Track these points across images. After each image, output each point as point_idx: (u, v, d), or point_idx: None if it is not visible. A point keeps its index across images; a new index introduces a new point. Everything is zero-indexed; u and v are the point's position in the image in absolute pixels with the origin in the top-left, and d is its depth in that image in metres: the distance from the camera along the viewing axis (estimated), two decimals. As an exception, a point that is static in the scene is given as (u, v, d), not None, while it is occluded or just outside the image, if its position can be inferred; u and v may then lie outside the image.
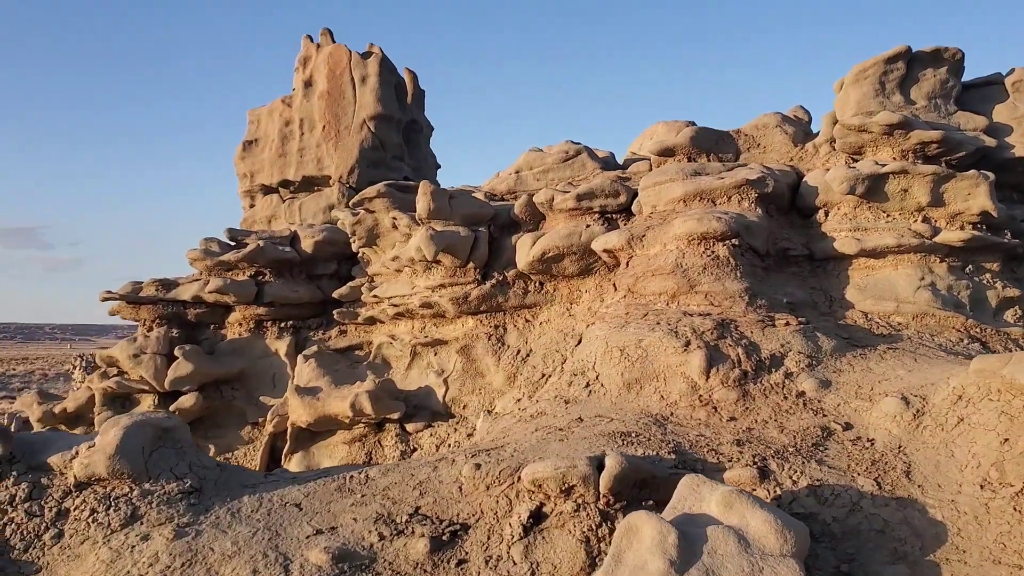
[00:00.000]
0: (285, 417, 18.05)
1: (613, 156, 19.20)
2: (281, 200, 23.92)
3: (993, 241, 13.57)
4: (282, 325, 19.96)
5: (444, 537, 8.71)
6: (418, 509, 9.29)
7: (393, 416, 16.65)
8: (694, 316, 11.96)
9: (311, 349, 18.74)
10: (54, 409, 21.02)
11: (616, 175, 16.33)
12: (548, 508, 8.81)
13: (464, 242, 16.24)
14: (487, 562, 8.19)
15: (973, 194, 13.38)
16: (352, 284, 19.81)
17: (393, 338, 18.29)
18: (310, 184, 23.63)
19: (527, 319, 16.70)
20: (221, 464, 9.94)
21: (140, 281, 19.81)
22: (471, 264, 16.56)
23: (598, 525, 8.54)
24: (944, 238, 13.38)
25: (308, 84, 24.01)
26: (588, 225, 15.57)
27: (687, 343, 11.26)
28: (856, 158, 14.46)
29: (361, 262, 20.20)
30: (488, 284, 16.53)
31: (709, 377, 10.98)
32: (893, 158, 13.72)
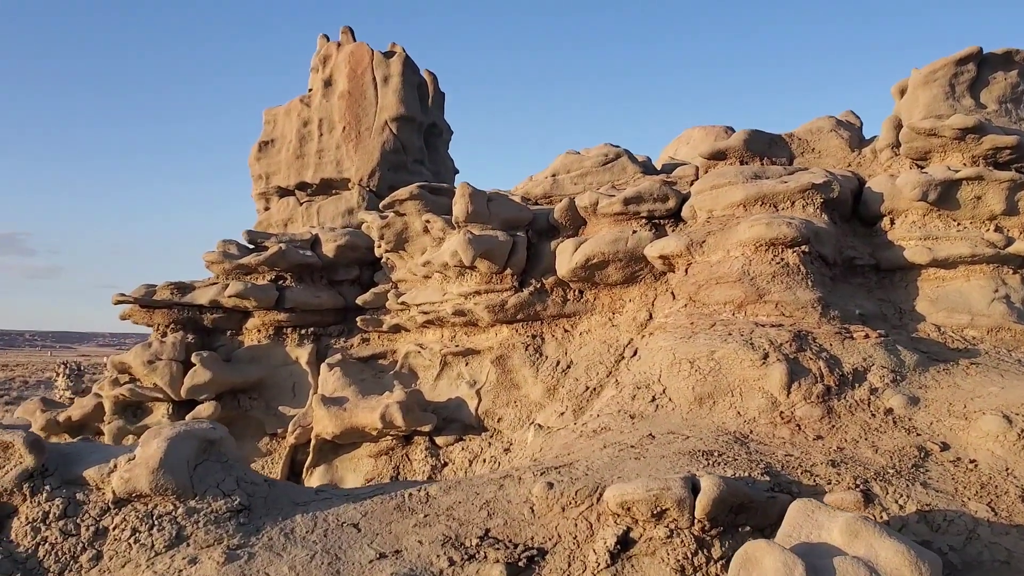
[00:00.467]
0: (308, 428, 17.19)
1: (650, 160, 18.48)
2: (298, 203, 23.08)
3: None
4: (303, 332, 19.11)
5: (520, 563, 7.92)
6: (488, 531, 8.49)
7: (424, 429, 15.83)
8: (767, 327, 11.21)
9: (335, 357, 17.89)
10: (58, 417, 20.11)
11: (662, 179, 15.60)
12: (636, 533, 8.02)
13: (502, 247, 15.47)
14: (575, 592, 7.41)
15: (1049, 203, 12.72)
16: (376, 290, 19.02)
17: (421, 347, 17.47)
18: (328, 187, 22.81)
19: (566, 329, 15.92)
20: (269, 479, 9.11)
21: (153, 284, 18.94)
22: (508, 270, 15.78)
23: (693, 553, 7.75)
24: (1018, 248, 12.69)
25: (328, 83, 23.21)
26: (635, 231, 14.83)
27: (765, 355, 10.50)
28: (920, 164, 13.76)
29: (385, 268, 19.40)
30: (526, 292, 15.76)
31: (790, 392, 10.21)
32: (964, 164, 13.03)
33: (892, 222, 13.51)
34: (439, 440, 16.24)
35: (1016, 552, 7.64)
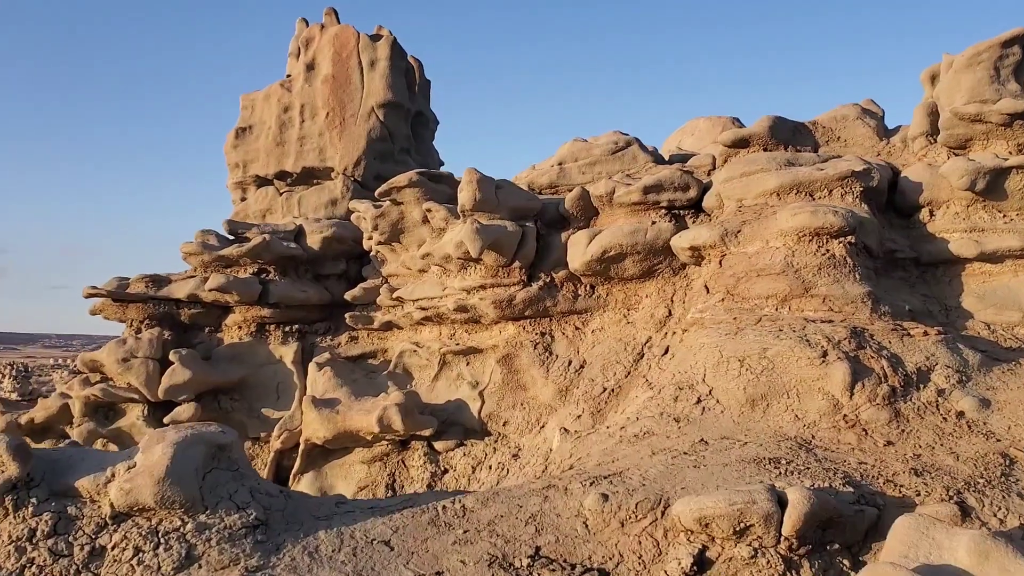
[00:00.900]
0: (295, 432, 16.01)
1: (657, 151, 17.57)
2: (278, 193, 21.78)
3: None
4: (287, 329, 17.89)
5: (582, 587, 6.94)
6: (539, 550, 7.47)
7: (424, 433, 14.74)
8: (818, 322, 10.33)
9: (324, 356, 16.70)
10: (19, 420, 18.64)
11: (679, 167, 14.68)
12: (713, 553, 7.06)
13: (511, 238, 14.43)
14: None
15: (1100, 195, 12.02)
16: (366, 285, 17.86)
17: (418, 345, 16.35)
18: (310, 176, 21.56)
19: (576, 326, 14.94)
20: (284, 490, 7.99)
21: (126, 277, 17.60)
22: (516, 263, 14.74)
23: (781, 575, 6.82)
24: (1068, 242, 11.98)
25: (310, 67, 21.95)
26: (654, 221, 13.91)
27: (824, 353, 9.60)
28: (958, 153, 13.01)
29: (374, 261, 18.25)
30: (535, 286, 14.74)
31: (853, 394, 9.32)
32: (1010, 152, 12.30)
33: (931, 213, 12.74)
34: (438, 445, 15.16)
35: None
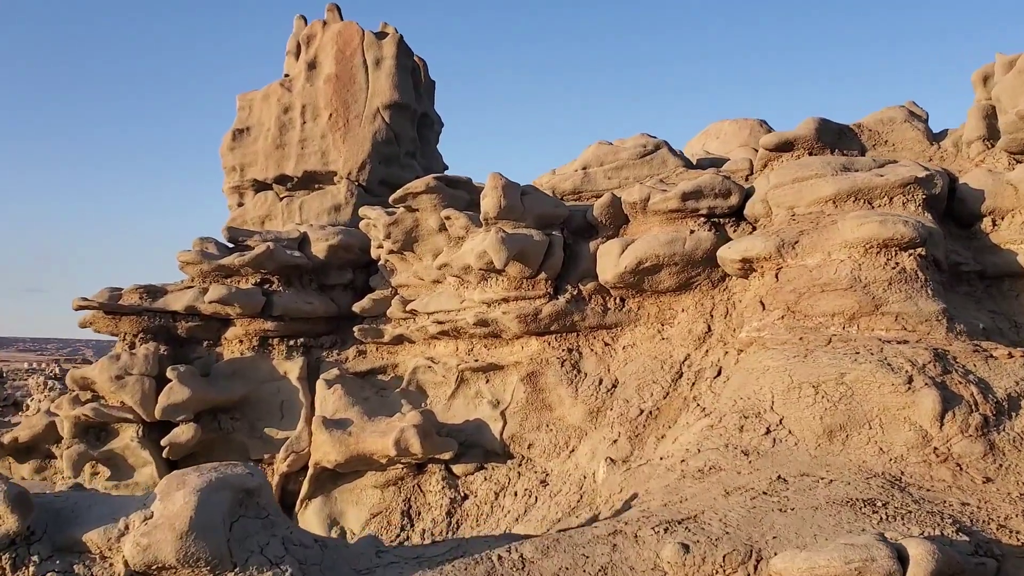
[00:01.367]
0: (303, 455, 14.96)
1: (682, 154, 16.63)
2: (277, 198, 20.67)
3: None
4: (291, 343, 16.82)
5: (671, 658, 5.98)
6: (615, 613, 6.51)
7: (443, 456, 13.73)
8: (894, 343, 9.41)
9: (332, 373, 15.66)
10: (2, 439, 17.49)
11: (717, 171, 13.77)
12: (822, 617, 6.09)
13: (538, 247, 13.46)
14: None
15: None
16: (375, 296, 16.84)
17: (433, 361, 15.33)
18: (312, 180, 20.46)
19: (606, 342, 13.98)
20: (320, 539, 6.96)
21: (119, 288, 16.49)
22: (542, 275, 13.77)
23: (904, 646, 5.86)
24: None
25: (312, 66, 20.86)
26: (693, 230, 12.98)
27: (909, 379, 8.68)
28: (1020, 160, 12.19)
29: (383, 271, 17.21)
30: (562, 299, 13.77)
31: (943, 424, 8.41)
32: (1078, 158, 11.47)
33: (994, 223, 11.89)
34: (457, 468, 14.16)
35: None
